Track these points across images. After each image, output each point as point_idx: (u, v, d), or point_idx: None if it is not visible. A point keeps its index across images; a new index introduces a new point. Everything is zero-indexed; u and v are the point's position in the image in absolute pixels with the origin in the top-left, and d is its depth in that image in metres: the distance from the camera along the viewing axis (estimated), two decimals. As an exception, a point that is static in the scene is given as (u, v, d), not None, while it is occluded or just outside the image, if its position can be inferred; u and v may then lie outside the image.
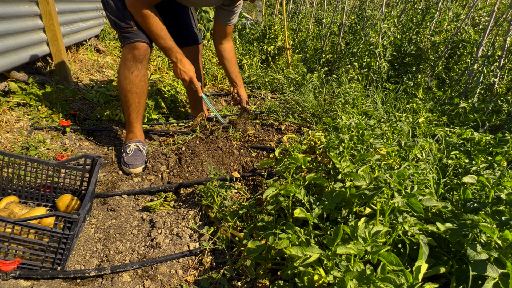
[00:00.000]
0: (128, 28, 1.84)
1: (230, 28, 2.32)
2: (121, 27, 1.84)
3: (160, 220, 1.54)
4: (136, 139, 2.03)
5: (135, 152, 1.95)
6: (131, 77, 1.90)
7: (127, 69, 1.89)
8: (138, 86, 1.93)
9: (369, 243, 0.88)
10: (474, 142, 1.65)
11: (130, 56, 1.87)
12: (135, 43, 1.84)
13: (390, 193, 1.02)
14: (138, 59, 1.88)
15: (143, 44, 1.86)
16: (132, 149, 1.96)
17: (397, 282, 0.77)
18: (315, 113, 2.75)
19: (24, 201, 1.56)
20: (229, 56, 2.42)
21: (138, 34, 1.85)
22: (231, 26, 2.32)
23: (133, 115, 2.00)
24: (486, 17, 3.53)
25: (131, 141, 2.01)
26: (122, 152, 1.99)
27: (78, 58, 3.67)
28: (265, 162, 1.44)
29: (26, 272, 1.19)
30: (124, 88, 1.93)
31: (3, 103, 2.28)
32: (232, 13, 2.19)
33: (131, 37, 1.85)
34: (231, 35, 2.39)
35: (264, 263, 1.16)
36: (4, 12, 2.30)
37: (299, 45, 4.89)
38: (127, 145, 1.99)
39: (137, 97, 1.96)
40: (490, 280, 0.82)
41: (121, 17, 1.82)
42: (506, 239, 0.84)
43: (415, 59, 3.39)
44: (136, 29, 1.84)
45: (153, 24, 1.82)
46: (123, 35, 1.86)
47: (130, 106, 1.97)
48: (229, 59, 2.43)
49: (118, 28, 1.85)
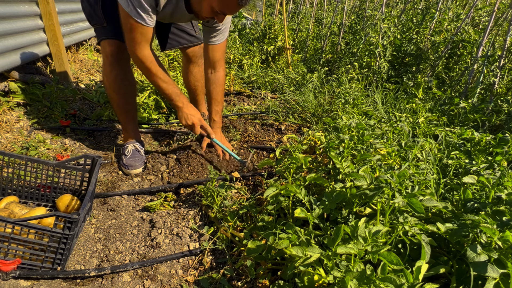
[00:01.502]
0: (98, 24, 1.75)
1: (217, 51, 1.93)
2: (93, 23, 1.77)
3: (160, 220, 1.53)
4: (132, 139, 2.00)
5: (133, 153, 1.94)
6: (111, 78, 1.82)
7: (107, 70, 1.82)
8: (121, 87, 1.85)
9: (369, 242, 0.88)
10: (474, 142, 1.65)
11: (104, 56, 1.79)
12: (105, 40, 1.75)
13: (391, 193, 1.02)
14: (114, 58, 1.78)
15: (113, 42, 1.75)
16: (130, 150, 1.94)
17: (397, 282, 0.77)
18: (315, 113, 2.75)
19: (24, 201, 1.55)
20: (210, 89, 2.01)
21: (108, 31, 1.74)
22: (218, 49, 1.92)
23: (123, 115, 1.95)
24: (486, 17, 3.53)
25: (128, 142, 1.99)
26: (121, 154, 1.98)
27: (78, 58, 3.67)
28: (265, 162, 1.44)
29: (26, 272, 1.19)
30: (108, 89, 1.88)
31: (3, 103, 2.28)
32: (213, 30, 1.85)
33: (102, 33, 1.75)
34: (220, 62, 1.97)
35: (264, 263, 1.16)
36: (4, 12, 2.30)
37: (299, 45, 4.89)
38: (125, 147, 1.97)
39: (123, 97, 1.88)
40: (490, 280, 0.82)
41: (93, 13, 1.74)
42: (507, 240, 0.84)
43: (415, 59, 3.39)
44: (106, 25, 1.74)
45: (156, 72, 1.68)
46: (96, 32, 1.78)
47: (118, 107, 1.92)
48: (210, 92, 2.02)
49: (92, 24, 1.78)
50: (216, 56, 1.94)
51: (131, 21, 1.52)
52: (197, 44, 2.23)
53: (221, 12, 1.56)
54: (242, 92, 3.55)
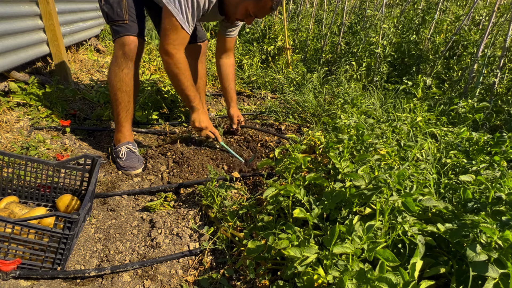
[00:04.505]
0: (119, 21, 1.77)
1: (231, 42, 2.25)
2: (113, 20, 1.78)
3: (160, 220, 1.54)
4: (125, 140, 1.99)
5: (129, 155, 1.93)
6: (121, 75, 1.84)
7: (117, 67, 1.83)
8: (128, 85, 1.87)
9: (364, 240, 0.88)
10: (472, 142, 1.65)
11: (120, 53, 1.80)
12: (125, 37, 1.77)
13: (389, 193, 1.02)
14: (128, 56, 1.81)
15: (133, 39, 1.79)
16: (124, 152, 1.93)
17: (393, 282, 0.77)
18: (315, 113, 2.75)
19: (24, 201, 1.56)
20: (226, 72, 2.33)
21: (129, 28, 1.78)
22: (232, 40, 2.25)
23: (122, 114, 1.94)
24: (486, 17, 3.53)
25: (121, 144, 1.97)
26: (115, 157, 1.96)
27: (78, 58, 3.67)
28: (265, 162, 1.44)
29: (26, 272, 1.19)
30: (114, 86, 1.88)
31: (3, 103, 2.28)
32: (233, 25, 2.15)
33: (121, 31, 1.77)
34: (232, 50, 2.32)
35: (264, 263, 1.16)
36: (4, 12, 2.30)
37: (299, 45, 4.89)
38: (118, 149, 1.96)
39: (127, 95, 1.90)
40: (490, 280, 0.82)
41: (114, 8, 1.76)
42: (507, 240, 0.84)
43: (415, 60, 3.39)
44: (128, 22, 1.77)
45: (186, 75, 1.82)
46: (114, 28, 1.80)
47: (120, 105, 1.92)
48: (225, 75, 2.34)
49: (110, 21, 1.79)
50: (230, 46, 2.27)
51: (177, 26, 1.69)
52: (204, 40, 2.41)
53: (254, 15, 1.79)
54: (242, 92, 3.55)
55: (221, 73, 2.35)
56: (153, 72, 3.69)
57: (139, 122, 2.53)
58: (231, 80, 2.36)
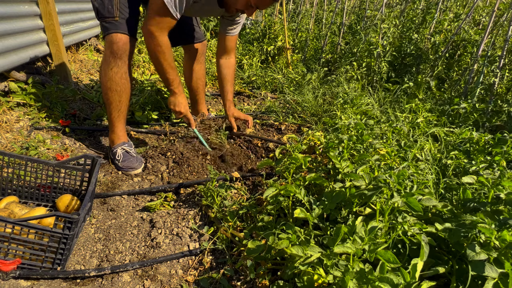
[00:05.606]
0: (109, 17, 1.74)
1: (232, 41, 2.20)
2: (103, 16, 1.75)
3: (160, 220, 1.54)
4: (120, 141, 1.97)
5: (125, 156, 1.92)
6: (110, 74, 1.81)
7: (107, 65, 1.80)
8: (118, 84, 1.84)
9: (366, 241, 0.88)
10: (473, 142, 1.65)
11: (109, 51, 1.77)
12: (113, 34, 1.74)
13: (390, 193, 1.02)
14: (116, 54, 1.77)
15: (122, 36, 1.75)
16: (119, 154, 1.92)
17: (394, 282, 0.77)
18: (315, 113, 2.75)
19: (24, 201, 1.56)
20: (224, 73, 2.28)
21: (119, 25, 1.74)
22: (233, 39, 2.19)
23: (114, 114, 1.92)
24: (486, 17, 3.53)
25: (116, 145, 1.95)
26: (112, 158, 1.96)
27: (78, 58, 3.68)
28: (265, 162, 1.44)
29: (26, 272, 1.20)
30: (104, 85, 1.85)
31: (3, 103, 2.28)
32: (233, 23, 2.10)
33: (110, 27, 1.74)
34: (234, 50, 2.26)
35: (264, 263, 1.16)
36: (4, 12, 2.30)
37: (299, 45, 4.89)
38: (114, 151, 1.95)
39: (117, 95, 1.87)
40: (490, 280, 0.82)
41: (105, 5, 1.74)
42: (504, 240, 0.84)
43: (415, 60, 3.39)
44: (118, 19, 1.74)
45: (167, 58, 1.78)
46: (104, 25, 1.77)
47: (111, 104, 1.89)
48: (223, 76, 2.28)
49: (100, 17, 1.77)
50: (231, 45, 2.20)
51: (165, 10, 1.64)
52: (202, 40, 2.36)
53: (255, 6, 1.73)
54: (242, 92, 3.55)
55: (219, 74, 2.32)
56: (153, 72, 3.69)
57: (139, 122, 2.53)
58: (229, 82, 2.32)
